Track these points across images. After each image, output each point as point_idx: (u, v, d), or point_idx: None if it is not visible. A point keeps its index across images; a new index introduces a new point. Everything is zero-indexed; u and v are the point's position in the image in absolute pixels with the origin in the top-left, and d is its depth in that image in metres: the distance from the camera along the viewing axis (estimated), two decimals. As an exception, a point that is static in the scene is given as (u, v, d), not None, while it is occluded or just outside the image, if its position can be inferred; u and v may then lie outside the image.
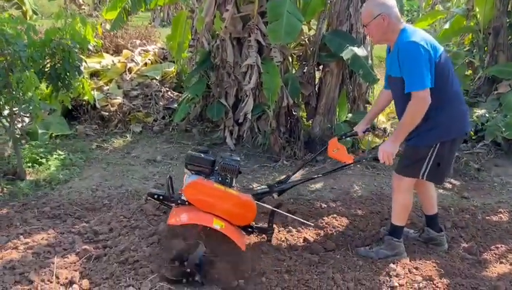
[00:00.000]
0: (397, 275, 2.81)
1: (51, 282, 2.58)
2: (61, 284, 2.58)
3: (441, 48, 2.72)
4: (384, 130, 5.58)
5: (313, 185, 4.34)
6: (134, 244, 2.93)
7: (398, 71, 2.69)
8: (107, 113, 5.73)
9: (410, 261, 2.99)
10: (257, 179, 4.43)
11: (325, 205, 3.87)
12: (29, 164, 4.36)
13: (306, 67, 5.16)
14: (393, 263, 2.93)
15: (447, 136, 2.79)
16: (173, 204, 2.97)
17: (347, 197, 4.09)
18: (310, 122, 5.38)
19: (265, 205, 3.04)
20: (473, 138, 5.36)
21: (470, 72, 6.75)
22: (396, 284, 2.72)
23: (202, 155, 2.94)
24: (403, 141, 2.84)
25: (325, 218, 3.62)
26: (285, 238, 3.29)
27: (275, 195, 3.17)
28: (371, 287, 2.70)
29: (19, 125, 4.92)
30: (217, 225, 2.70)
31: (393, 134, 2.79)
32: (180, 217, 2.79)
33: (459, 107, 2.83)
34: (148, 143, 5.32)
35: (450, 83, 2.75)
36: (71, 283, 2.59)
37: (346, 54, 4.61)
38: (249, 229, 3.02)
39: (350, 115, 5.15)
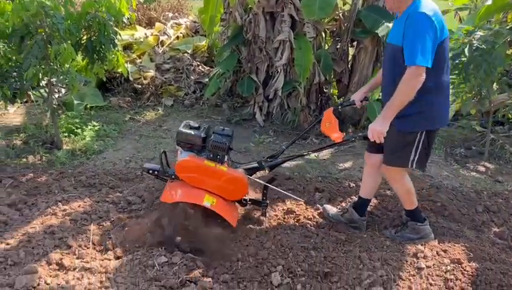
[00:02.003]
0: (425, 257, 2.80)
1: (88, 248, 2.71)
2: (97, 251, 2.71)
3: (448, 33, 2.58)
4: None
5: (342, 164, 4.33)
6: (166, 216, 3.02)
7: (400, 39, 2.52)
8: (139, 86, 5.84)
9: (438, 243, 2.97)
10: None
11: (354, 185, 3.86)
12: (66, 134, 4.53)
13: (339, 44, 5.07)
14: (421, 245, 2.92)
15: (432, 124, 2.70)
16: (168, 179, 2.99)
17: (376, 177, 4.05)
18: (341, 100, 5.31)
19: (257, 179, 3.07)
20: (510, 120, 5.18)
21: (511, 51, 6.44)
22: (424, 265, 2.72)
23: (192, 132, 2.91)
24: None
25: (353, 197, 3.62)
26: (312, 215, 3.32)
27: (267, 170, 3.13)
28: (397, 268, 2.70)
29: (56, 96, 5.09)
30: (208, 201, 2.75)
31: (383, 111, 2.57)
32: (172, 194, 2.84)
33: (447, 98, 2.72)
34: (179, 117, 5.40)
35: (445, 70, 2.63)
36: (106, 249, 2.72)
37: (381, 31, 4.49)
38: (243, 202, 3.04)
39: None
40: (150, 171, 3.01)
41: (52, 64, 3.84)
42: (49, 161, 4.01)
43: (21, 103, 5.31)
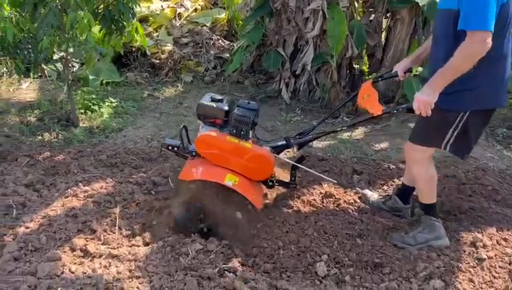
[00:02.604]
0: (484, 246, 2.54)
1: (114, 233, 2.48)
2: (123, 236, 2.48)
3: None
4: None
5: (377, 145, 4.04)
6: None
7: (455, 2, 2.15)
8: (157, 61, 5.54)
9: (497, 231, 2.70)
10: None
11: (394, 167, 3.57)
12: (82, 111, 4.28)
13: (373, 15, 4.68)
14: (479, 233, 2.65)
15: (482, 104, 2.31)
16: (188, 155, 2.74)
17: (417, 158, 3.75)
18: (372, 76, 4.97)
19: (285, 158, 2.81)
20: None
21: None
22: (485, 256, 2.45)
23: (214, 105, 2.63)
24: None
25: (395, 180, 3.36)
26: (353, 200, 3.06)
27: (295, 148, 2.87)
28: (455, 258, 2.44)
29: (70, 71, 4.83)
30: (230, 181, 2.50)
31: (433, 80, 2.23)
32: (192, 171, 2.61)
33: (504, 72, 2.30)
34: (199, 94, 5.09)
35: (506, 38, 2.23)
36: (134, 235, 2.50)
37: (422, 0, 4.11)
38: (270, 183, 2.77)
39: (421, 68, 4.64)
40: (170, 147, 2.78)
41: (67, 34, 3.55)
42: (66, 138, 3.77)
43: (34, 78, 5.05)
